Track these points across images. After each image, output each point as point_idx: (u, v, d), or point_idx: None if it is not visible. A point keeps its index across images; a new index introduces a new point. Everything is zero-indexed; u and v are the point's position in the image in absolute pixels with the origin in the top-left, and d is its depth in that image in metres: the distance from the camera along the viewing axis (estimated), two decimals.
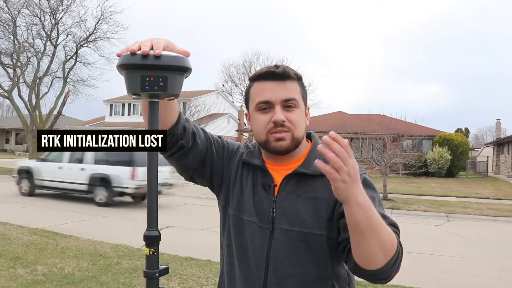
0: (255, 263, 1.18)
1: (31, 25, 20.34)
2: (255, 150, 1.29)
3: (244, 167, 1.27)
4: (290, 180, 1.19)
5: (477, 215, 10.36)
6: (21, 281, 4.40)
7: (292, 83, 1.19)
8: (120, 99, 34.03)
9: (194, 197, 12.48)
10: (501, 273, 5.56)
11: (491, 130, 56.41)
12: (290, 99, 1.16)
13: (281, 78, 1.17)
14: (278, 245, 1.15)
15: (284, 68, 1.18)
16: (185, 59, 0.96)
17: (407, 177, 20.51)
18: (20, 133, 37.52)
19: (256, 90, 1.20)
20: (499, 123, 35.59)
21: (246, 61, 48.75)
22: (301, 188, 1.17)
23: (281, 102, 1.16)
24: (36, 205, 10.07)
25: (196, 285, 4.54)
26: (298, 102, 1.18)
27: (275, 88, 1.16)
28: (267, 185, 1.21)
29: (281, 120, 1.14)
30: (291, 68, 1.20)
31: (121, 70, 0.94)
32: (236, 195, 1.25)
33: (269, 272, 1.15)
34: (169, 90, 0.93)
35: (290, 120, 1.16)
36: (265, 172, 1.22)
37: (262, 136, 1.19)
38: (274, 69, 1.17)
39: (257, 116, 1.19)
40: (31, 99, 20.14)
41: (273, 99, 1.16)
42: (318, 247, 1.13)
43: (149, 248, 0.98)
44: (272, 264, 1.15)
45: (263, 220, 1.17)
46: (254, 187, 1.23)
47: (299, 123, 1.18)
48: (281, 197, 1.18)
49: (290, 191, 1.17)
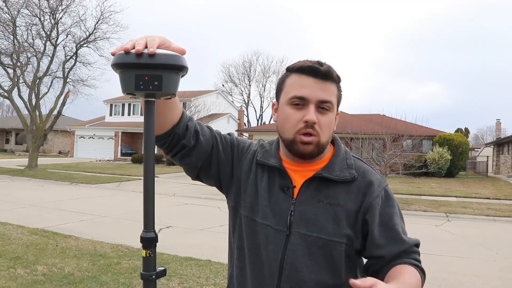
0: (269, 267, 1.13)
1: (30, 25, 20.31)
2: (272, 149, 1.23)
3: (259, 167, 1.20)
4: (311, 184, 1.14)
5: (477, 215, 10.36)
6: (21, 281, 4.39)
7: (332, 85, 1.13)
8: (120, 99, 34.01)
9: (194, 197, 12.48)
10: (501, 273, 5.56)
11: (491, 130, 56.42)
12: (327, 101, 1.10)
13: (323, 78, 1.10)
14: (295, 250, 1.10)
15: (328, 68, 1.11)
16: (181, 57, 0.93)
17: (407, 177, 20.50)
18: (20, 133, 37.51)
19: (293, 82, 1.13)
20: (499, 123, 35.58)
21: (246, 61, 48.78)
22: (322, 193, 1.13)
23: (317, 102, 1.10)
24: (36, 205, 10.07)
25: (196, 285, 4.54)
26: (333, 105, 1.12)
27: (314, 86, 1.10)
28: (286, 186, 1.15)
29: (313, 121, 1.08)
30: (334, 68, 1.13)
31: (116, 69, 0.92)
32: (249, 196, 1.19)
33: (283, 277, 1.11)
34: (164, 89, 0.91)
35: (321, 123, 1.10)
36: (283, 173, 1.17)
37: (290, 135, 1.12)
38: (318, 66, 1.10)
39: (289, 111, 1.12)
40: (31, 99, 20.12)
41: (310, 97, 1.09)
42: (337, 255, 1.10)
43: (145, 250, 0.97)
44: (287, 269, 1.10)
45: (279, 223, 1.12)
46: (271, 189, 1.17)
47: (328, 128, 1.12)
48: (301, 200, 1.13)
49: (311, 195, 1.13)
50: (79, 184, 15.30)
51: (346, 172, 1.14)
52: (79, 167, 22.36)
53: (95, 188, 14.53)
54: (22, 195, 11.65)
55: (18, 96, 20.15)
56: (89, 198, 11.72)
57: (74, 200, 11.09)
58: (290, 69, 1.16)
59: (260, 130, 30.38)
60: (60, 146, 39.35)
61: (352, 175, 1.14)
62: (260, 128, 33.23)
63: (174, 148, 1.16)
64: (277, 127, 1.18)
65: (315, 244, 1.10)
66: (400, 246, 1.10)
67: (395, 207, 1.15)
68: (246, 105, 48.54)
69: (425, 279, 1.10)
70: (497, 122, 35.86)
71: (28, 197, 11.29)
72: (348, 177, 1.13)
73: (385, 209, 1.13)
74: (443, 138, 23.98)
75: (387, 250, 1.10)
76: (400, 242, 1.11)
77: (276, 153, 1.20)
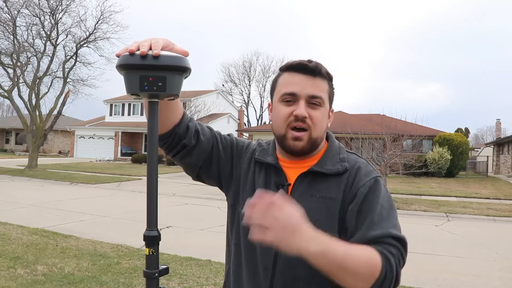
0: (263, 263, 1.15)
1: (31, 25, 20.30)
2: (269, 148, 1.26)
3: (256, 165, 1.24)
4: (304, 179, 1.17)
5: (477, 215, 10.36)
6: (21, 281, 4.39)
7: (322, 81, 1.16)
8: (120, 99, 34.02)
9: (194, 197, 12.49)
10: (501, 273, 5.56)
11: (491, 130, 56.44)
12: (317, 96, 1.14)
13: (312, 74, 1.14)
14: None
15: (317, 64, 1.15)
16: (184, 59, 0.96)
17: (407, 177, 20.51)
18: (20, 133, 37.51)
19: (284, 81, 1.17)
20: (499, 123, 35.59)
21: (246, 61, 48.81)
22: (315, 188, 1.15)
23: (307, 97, 1.13)
24: (36, 205, 10.07)
25: (196, 285, 4.54)
26: (323, 101, 1.16)
27: (304, 82, 1.14)
28: (280, 184, 1.18)
29: (303, 115, 1.12)
30: (324, 66, 1.17)
31: (120, 71, 0.95)
32: (247, 193, 1.21)
33: (276, 273, 1.13)
34: (168, 90, 0.93)
35: (312, 117, 1.13)
36: (279, 170, 1.20)
37: (282, 129, 1.16)
38: (307, 63, 1.15)
39: (280, 107, 1.16)
40: (31, 99, 20.12)
41: (299, 93, 1.13)
42: None
43: (148, 248, 0.98)
44: (280, 264, 1.13)
45: None
46: (267, 186, 1.19)
47: (320, 122, 1.15)
48: (295, 196, 1.14)
49: (304, 190, 1.15)
50: (79, 184, 15.31)
51: (338, 165, 1.17)
52: (79, 167, 22.36)
53: (95, 188, 14.53)
54: (22, 195, 11.66)
55: (18, 96, 20.17)
56: (89, 198, 11.72)
57: (74, 200, 11.09)
58: (281, 69, 1.20)
59: (260, 130, 30.39)
60: (60, 146, 39.37)
61: (344, 167, 1.16)
62: (260, 128, 33.23)
63: (175, 147, 1.19)
64: (272, 125, 1.22)
65: None
66: (372, 232, 1.04)
67: (380, 197, 1.11)
68: (246, 105, 48.60)
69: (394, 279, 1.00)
70: (497, 122, 35.87)
71: (28, 197, 11.29)
72: (340, 170, 1.15)
73: (368, 197, 1.10)
74: (443, 138, 23.98)
75: (359, 235, 1.07)
76: (373, 227, 1.05)
77: (273, 152, 1.24)
